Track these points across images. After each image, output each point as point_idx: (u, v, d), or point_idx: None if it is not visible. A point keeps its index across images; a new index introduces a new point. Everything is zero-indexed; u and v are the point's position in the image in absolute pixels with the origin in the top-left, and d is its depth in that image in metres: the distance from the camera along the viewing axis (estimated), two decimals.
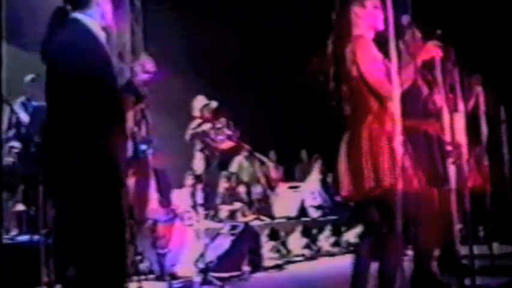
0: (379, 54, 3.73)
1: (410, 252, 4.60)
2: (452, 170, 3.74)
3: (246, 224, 6.90)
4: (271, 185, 9.43)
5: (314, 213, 8.44)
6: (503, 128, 6.67)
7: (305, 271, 6.91)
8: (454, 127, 5.11)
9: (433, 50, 3.91)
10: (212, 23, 9.37)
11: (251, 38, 9.86)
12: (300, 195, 8.77)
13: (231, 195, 8.64)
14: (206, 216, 7.18)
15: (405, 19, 4.36)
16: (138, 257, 6.00)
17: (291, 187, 9.06)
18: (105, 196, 3.31)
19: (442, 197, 4.80)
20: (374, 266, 3.65)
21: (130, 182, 5.27)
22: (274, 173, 9.67)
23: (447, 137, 3.81)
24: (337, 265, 6.77)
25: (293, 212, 8.32)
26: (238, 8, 9.47)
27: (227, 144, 7.20)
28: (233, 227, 6.80)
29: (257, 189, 9.17)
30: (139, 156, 5.67)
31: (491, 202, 6.15)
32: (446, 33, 4.56)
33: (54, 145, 3.33)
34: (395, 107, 3.28)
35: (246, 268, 6.38)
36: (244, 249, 6.65)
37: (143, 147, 5.84)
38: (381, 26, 3.87)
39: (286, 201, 8.67)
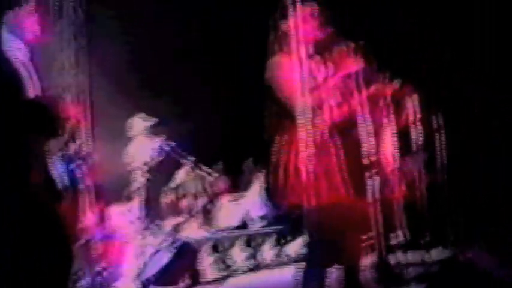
0: (301, 66, 3.73)
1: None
2: (375, 180, 3.73)
3: (185, 238, 6.85)
4: (216, 197, 9.37)
5: (258, 224, 8.40)
6: (440, 136, 6.75)
7: (247, 283, 6.88)
8: (383, 138, 5.18)
9: (352, 65, 3.91)
10: (159, 34, 9.30)
11: (198, 49, 9.80)
12: (244, 206, 8.74)
13: (175, 209, 8.58)
14: (146, 232, 7.13)
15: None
16: (76, 275, 5.92)
17: (234, 198, 9.03)
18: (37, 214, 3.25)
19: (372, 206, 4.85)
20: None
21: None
22: (219, 185, 9.62)
23: (370, 148, 3.80)
24: (280, 276, 6.74)
25: (236, 223, 8.27)
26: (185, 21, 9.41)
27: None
28: (173, 242, 6.76)
29: (202, 202, 9.11)
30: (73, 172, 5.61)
31: (429, 209, 6.22)
32: (371, 42, 4.60)
33: None
34: (303, 120, 3.26)
35: (185, 282, 6.33)
36: (184, 263, 6.62)
37: (76, 162, 5.77)
38: (318, 35, 3.88)
39: (229, 212, 8.63)
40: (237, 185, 10.38)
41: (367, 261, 4.87)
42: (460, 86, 7.44)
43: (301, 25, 3.80)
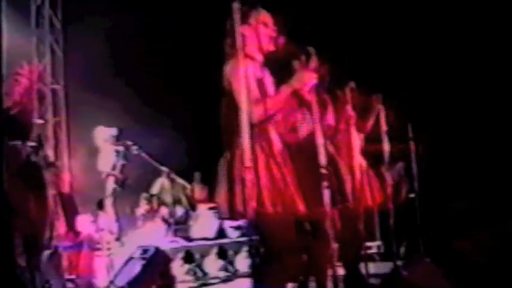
0: (256, 75, 3.70)
1: None
2: (326, 193, 3.71)
3: (157, 248, 6.78)
4: (193, 206, 9.35)
5: (232, 234, 8.37)
6: (411, 146, 6.77)
7: None
8: (351, 148, 5.19)
9: (307, 78, 3.89)
10: (132, 45, 9.30)
11: (170, 58, 9.76)
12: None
13: (152, 217, 8.55)
14: (118, 240, 7.10)
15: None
16: (46, 286, 5.86)
17: (211, 208, 8.98)
18: None
19: (343, 216, 4.83)
20: None
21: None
22: (197, 194, 9.59)
23: (322, 159, 3.78)
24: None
25: (211, 234, 8.24)
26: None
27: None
28: (144, 251, 6.69)
29: (179, 211, 9.08)
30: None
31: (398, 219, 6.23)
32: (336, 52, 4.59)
33: None
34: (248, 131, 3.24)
35: None
36: (155, 273, 6.55)
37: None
38: (271, 44, 3.85)
39: (205, 222, 8.59)
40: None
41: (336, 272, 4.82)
42: (429, 97, 7.49)
43: (255, 32, 3.77)
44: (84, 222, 7.00)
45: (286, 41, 3.90)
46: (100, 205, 6.53)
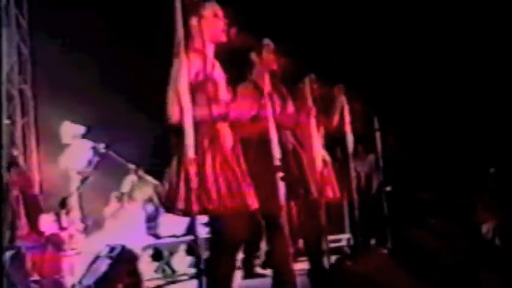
0: (205, 69, 3.65)
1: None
2: (281, 185, 3.67)
3: (124, 246, 6.72)
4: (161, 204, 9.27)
5: (203, 231, 8.30)
6: (377, 137, 6.77)
7: None
8: (312, 140, 5.16)
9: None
10: (99, 43, 9.20)
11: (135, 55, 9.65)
12: None
13: (120, 215, 8.46)
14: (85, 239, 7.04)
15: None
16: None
17: None
18: None
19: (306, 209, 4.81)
20: None
21: None
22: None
23: (277, 153, 3.75)
24: None
25: (181, 231, 8.17)
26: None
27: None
28: (111, 250, 6.63)
29: (149, 209, 9.01)
30: None
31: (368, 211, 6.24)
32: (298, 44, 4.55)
33: None
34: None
35: None
36: (122, 271, 6.49)
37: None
38: (222, 37, 3.79)
39: (176, 219, 8.51)
40: None
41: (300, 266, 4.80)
42: (394, 90, 7.51)
43: (205, 24, 3.71)
44: (47, 222, 6.92)
45: (240, 32, 3.84)
46: (63, 204, 6.46)
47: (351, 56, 7.48)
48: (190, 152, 3.25)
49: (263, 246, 4.89)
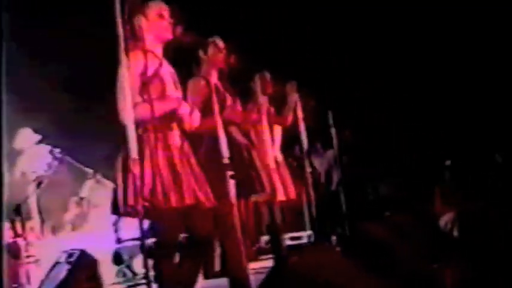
0: (152, 68, 3.63)
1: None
2: (231, 183, 3.66)
3: (83, 251, 6.64)
4: None
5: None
6: (333, 133, 6.78)
7: None
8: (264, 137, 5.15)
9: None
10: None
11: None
12: None
13: (82, 220, 8.38)
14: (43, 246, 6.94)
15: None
16: None
17: None
18: None
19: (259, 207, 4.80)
20: None
21: None
22: None
23: (224, 150, 3.74)
24: None
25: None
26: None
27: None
28: (70, 255, 6.55)
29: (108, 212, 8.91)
30: None
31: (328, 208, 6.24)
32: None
33: None
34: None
35: None
36: (81, 277, 6.42)
37: None
38: (168, 35, 3.79)
39: (133, 222, 8.44)
40: None
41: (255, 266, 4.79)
42: (348, 85, 7.53)
43: (152, 24, 3.71)
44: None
45: (186, 30, 3.83)
46: (17, 210, 6.36)
47: (304, 51, 7.48)
48: (133, 151, 3.21)
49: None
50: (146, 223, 7.37)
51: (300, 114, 5.88)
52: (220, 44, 4.68)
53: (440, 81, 7.68)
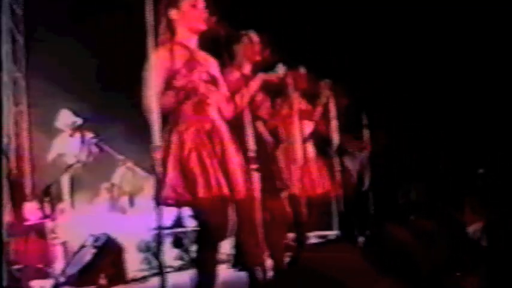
0: (180, 61, 3.64)
1: None
2: (256, 177, 3.65)
3: (109, 236, 6.71)
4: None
5: (190, 223, 8.29)
6: (367, 135, 6.75)
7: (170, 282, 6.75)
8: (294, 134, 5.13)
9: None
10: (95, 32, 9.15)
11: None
12: None
13: (113, 206, 8.45)
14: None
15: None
16: None
17: None
18: None
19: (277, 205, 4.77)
20: None
21: None
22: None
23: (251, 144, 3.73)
24: None
25: (168, 222, 8.14)
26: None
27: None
28: (96, 239, 6.63)
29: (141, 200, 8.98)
30: None
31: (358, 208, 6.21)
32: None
33: None
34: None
35: (102, 281, 6.21)
36: (106, 261, 6.50)
37: None
38: (202, 26, 3.80)
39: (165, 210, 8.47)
40: None
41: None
42: (383, 87, 7.46)
43: (185, 16, 3.72)
44: (32, 210, 6.91)
45: (220, 21, 3.83)
46: (46, 192, 6.45)
47: (341, 50, 7.44)
48: (157, 140, 3.23)
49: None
50: (183, 213, 7.45)
51: (332, 112, 5.85)
52: (255, 37, 4.68)
53: (479, 90, 7.58)
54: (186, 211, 8.42)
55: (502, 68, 7.28)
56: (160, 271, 3.59)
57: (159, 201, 3.48)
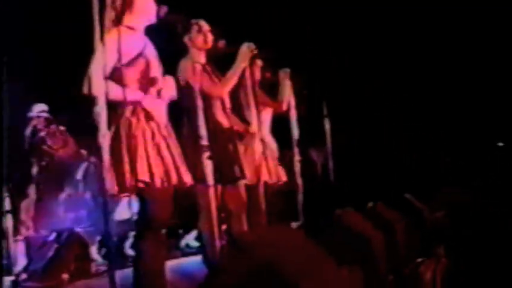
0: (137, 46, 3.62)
1: None
2: (208, 165, 3.64)
3: (71, 231, 6.67)
4: None
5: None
6: (326, 123, 6.75)
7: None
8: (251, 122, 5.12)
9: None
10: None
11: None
12: None
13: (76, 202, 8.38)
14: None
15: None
16: None
17: None
18: None
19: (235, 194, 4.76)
20: None
21: None
22: None
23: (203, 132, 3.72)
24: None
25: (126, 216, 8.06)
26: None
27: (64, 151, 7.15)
28: (59, 235, 6.58)
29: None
30: None
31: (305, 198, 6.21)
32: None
33: None
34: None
35: (65, 276, 6.16)
36: (69, 256, 6.45)
37: None
38: (152, 16, 3.78)
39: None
40: None
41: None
42: (345, 76, 7.47)
43: (135, 2, 3.69)
44: None
45: (171, 11, 3.81)
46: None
47: (300, 39, 7.43)
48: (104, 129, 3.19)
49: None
50: (136, 204, 7.41)
51: (292, 102, 5.84)
52: (205, 26, 4.65)
53: (450, 78, 7.62)
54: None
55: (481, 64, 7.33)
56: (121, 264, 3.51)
57: (104, 190, 3.45)
